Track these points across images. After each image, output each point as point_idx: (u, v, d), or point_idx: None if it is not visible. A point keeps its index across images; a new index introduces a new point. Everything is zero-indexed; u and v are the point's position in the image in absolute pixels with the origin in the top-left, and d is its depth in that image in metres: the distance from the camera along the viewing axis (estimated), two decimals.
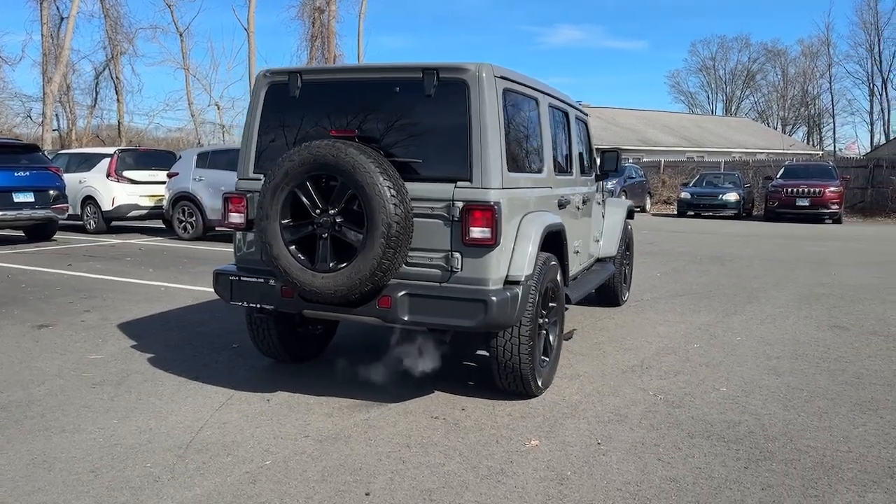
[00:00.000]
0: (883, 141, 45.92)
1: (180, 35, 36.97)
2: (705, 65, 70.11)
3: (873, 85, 48.45)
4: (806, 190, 19.47)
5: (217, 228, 12.64)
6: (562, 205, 4.76)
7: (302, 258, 3.75)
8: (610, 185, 22.71)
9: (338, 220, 3.66)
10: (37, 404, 4.01)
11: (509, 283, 3.77)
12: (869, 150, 47.70)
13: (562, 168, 5.06)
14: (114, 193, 13.49)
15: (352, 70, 4.10)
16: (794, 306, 7.16)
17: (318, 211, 3.70)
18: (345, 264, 3.63)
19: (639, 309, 6.96)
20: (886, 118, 46.91)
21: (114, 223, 14.05)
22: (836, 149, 52.41)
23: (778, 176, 21.25)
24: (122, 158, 13.83)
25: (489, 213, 3.60)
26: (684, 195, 21.43)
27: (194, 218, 12.61)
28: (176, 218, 12.81)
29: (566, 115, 5.32)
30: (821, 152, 47.71)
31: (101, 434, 3.59)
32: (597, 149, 6.71)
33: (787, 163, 24.19)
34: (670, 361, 5.04)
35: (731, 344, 5.57)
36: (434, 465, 3.27)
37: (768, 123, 61.54)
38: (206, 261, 9.94)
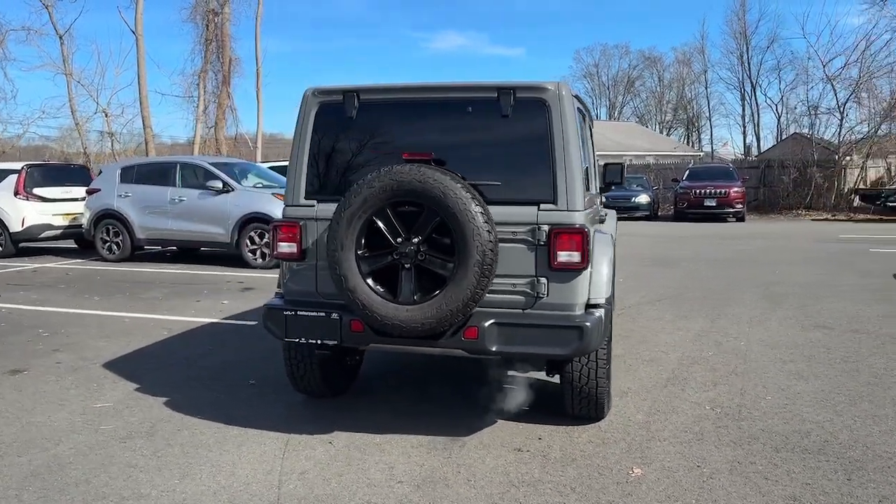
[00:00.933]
0: (754, 142, 49.44)
1: (60, 38, 34.39)
2: (589, 71, 72.80)
3: (744, 90, 51.97)
4: (712, 191, 20.63)
5: (146, 248, 11.81)
6: (601, 221, 4.72)
7: (381, 290, 3.50)
8: None
9: (422, 249, 3.44)
10: (71, 468, 3.53)
11: (590, 306, 3.68)
12: (742, 151, 51.47)
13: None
14: (23, 213, 12.33)
15: (418, 89, 3.87)
16: (767, 307, 7.48)
17: (399, 240, 3.46)
18: (434, 295, 3.42)
19: (629, 316, 7.06)
20: (757, 121, 50.28)
21: (22, 245, 12.82)
22: (713, 150, 55.82)
23: (684, 178, 22.35)
24: (31, 174, 12.66)
25: (578, 237, 3.49)
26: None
27: (121, 238, 11.71)
28: (99, 238, 11.85)
29: (590, 127, 5.30)
30: (701, 153, 50.72)
31: (171, 498, 3.20)
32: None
33: (690, 166, 25.51)
34: (699, 372, 5.11)
35: (740, 350, 5.73)
36: None
37: (647, 126, 64.64)
38: (150, 285, 9.24)
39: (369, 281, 3.50)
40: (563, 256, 3.51)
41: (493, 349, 3.52)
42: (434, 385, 4.84)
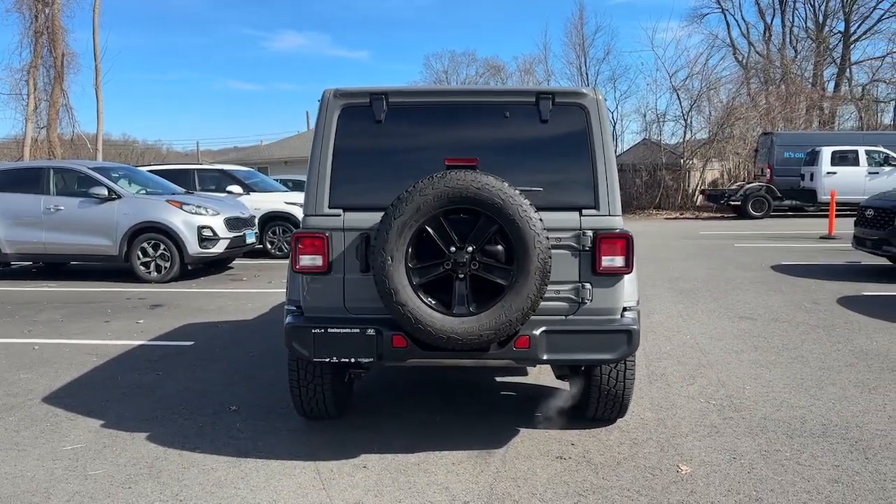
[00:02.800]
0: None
1: None
2: (439, 77, 74.16)
3: None
4: None
5: (14, 264, 10.51)
6: None
7: (433, 303, 3.34)
8: None
9: (477, 258, 3.32)
10: None
11: (625, 309, 3.73)
12: None
13: None
14: None
15: (452, 93, 3.73)
16: (686, 301, 7.98)
17: (453, 249, 3.32)
18: (491, 305, 3.31)
19: None
20: None
21: None
22: None
23: None
24: None
25: (622, 241, 3.53)
26: None
27: None
28: None
29: None
30: None
31: None
32: None
33: None
34: (671, 367, 5.35)
35: (691, 343, 6.06)
36: None
37: None
38: (38, 305, 8.23)
39: (420, 294, 3.32)
40: (607, 261, 3.53)
41: (544, 358, 3.48)
42: (434, 396, 4.70)
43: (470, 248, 3.32)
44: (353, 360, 3.52)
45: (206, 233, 9.87)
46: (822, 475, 3.44)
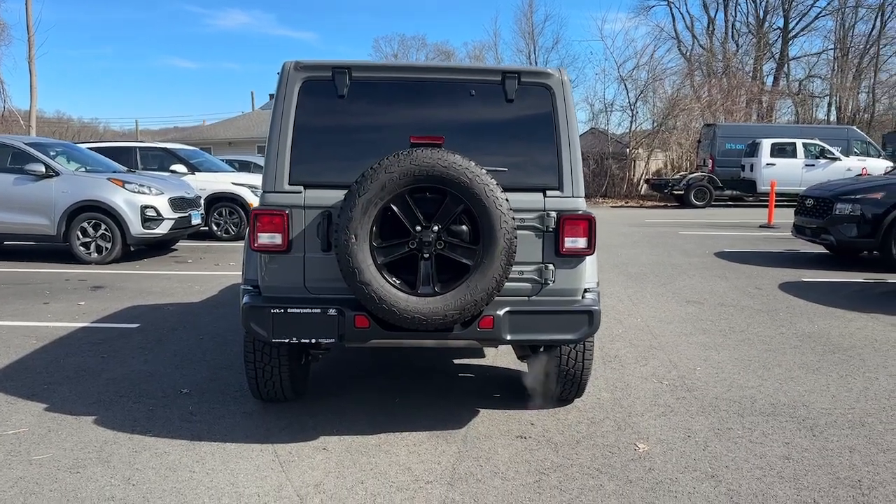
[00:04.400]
0: None
1: None
2: (388, 61, 73.58)
3: None
4: None
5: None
6: None
7: (397, 282, 3.29)
8: None
9: (442, 238, 3.29)
10: None
11: (586, 291, 3.75)
12: None
13: None
14: None
15: (417, 69, 3.65)
16: (634, 285, 8.13)
17: (418, 228, 3.28)
18: (457, 285, 3.28)
19: None
20: None
21: None
22: None
23: None
24: None
25: (585, 223, 3.54)
26: None
27: None
28: None
29: None
30: None
31: None
32: None
33: None
34: (624, 348, 5.44)
35: (642, 326, 6.18)
36: (597, 488, 3.17)
37: None
38: None
39: (384, 273, 3.27)
40: (570, 243, 3.54)
41: (507, 338, 3.47)
42: (392, 379, 4.66)
43: (435, 228, 3.28)
44: (313, 340, 3.45)
45: (150, 213, 9.56)
46: (774, 452, 3.54)
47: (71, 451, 3.49)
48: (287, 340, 3.45)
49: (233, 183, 12.31)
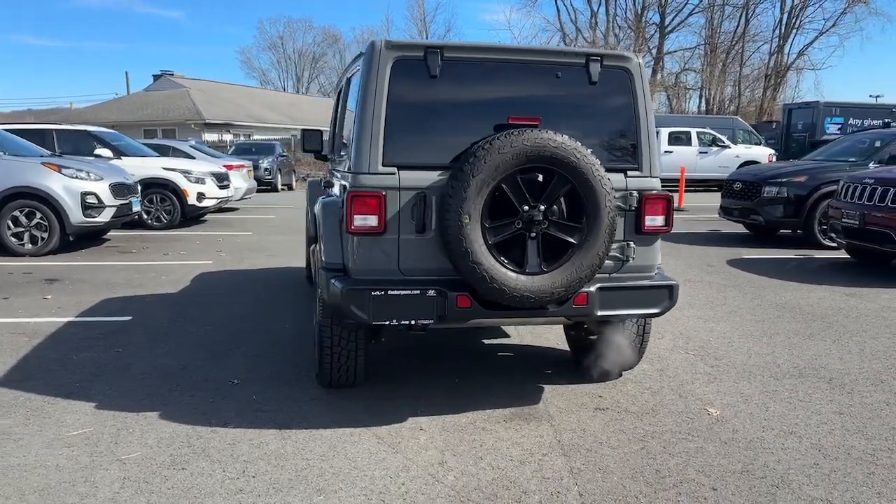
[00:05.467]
0: None
1: None
2: (273, 43, 71.44)
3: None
4: None
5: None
6: None
7: (506, 261, 3.35)
8: (265, 162, 22.20)
9: (549, 217, 3.37)
10: None
11: (658, 267, 3.94)
12: None
13: None
14: None
15: (506, 51, 3.67)
16: None
17: (526, 208, 3.34)
18: (562, 263, 3.38)
19: None
20: None
21: None
22: None
23: None
24: None
25: (664, 202, 3.73)
26: None
27: None
28: None
29: None
30: None
31: None
32: None
33: None
34: None
35: None
36: (700, 450, 3.37)
37: None
38: None
39: (494, 253, 3.32)
40: (650, 221, 3.71)
41: (598, 314, 3.61)
42: (426, 360, 4.68)
43: (542, 207, 3.35)
44: (413, 322, 3.44)
45: (91, 200, 8.92)
46: (826, 409, 3.89)
47: (159, 447, 3.30)
48: (387, 322, 3.42)
49: (163, 168, 11.67)
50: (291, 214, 14.96)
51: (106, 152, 11.29)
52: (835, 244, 9.11)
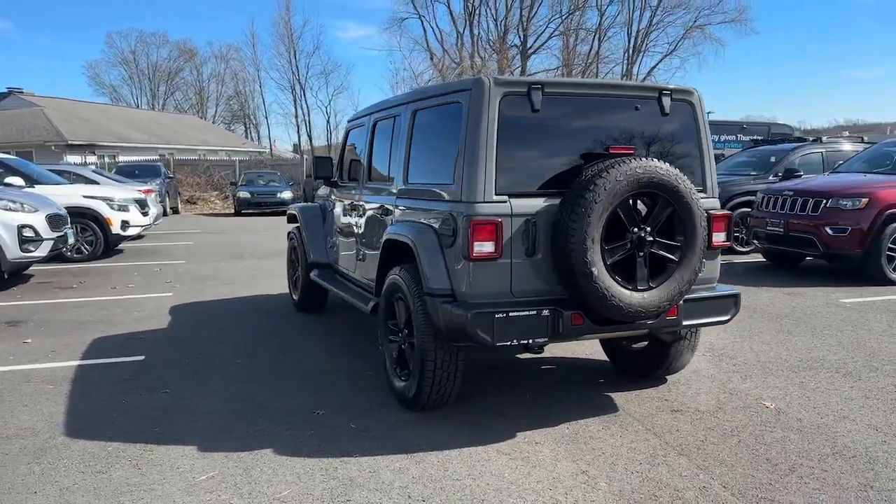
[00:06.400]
0: (306, 139, 53.81)
1: None
2: (125, 58, 67.57)
3: (295, 91, 55.37)
4: None
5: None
6: None
7: (620, 280, 3.64)
8: (154, 185, 21.24)
9: (654, 237, 3.71)
10: None
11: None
12: (291, 147, 55.44)
13: None
14: None
15: (594, 86, 3.97)
16: None
17: (635, 229, 3.65)
18: (665, 279, 3.72)
19: None
20: (308, 119, 54.18)
21: None
22: (272, 146, 57.94)
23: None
24: None
25: (725, 220, 4.18)
26: (243, 194, 21.64)
27: None
28: None
29: None
30: (265, 149, 52.26)
31: None
32: None
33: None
34: None
35: None
36: (786, 439, 3.80)
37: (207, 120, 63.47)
38: None
39: (611, 272, 3.60)
40: (717, 237, 4.15)
41: (685, 323, 3.98)
42: (472, 377, 4.87)
43: (647, 228, 3.68)
44: (530, 341, 3.65)
45: (28, 233, 8.28)
46: (856, 394, 4.48)
47: (301, 483, 3.29)
48: (508, 343, 3.61)
49: (84, 196, 10.94)
50: (208, 240, 14.45)
51: (17, 180, 10.41)
52: (746, 250, 10.41)
